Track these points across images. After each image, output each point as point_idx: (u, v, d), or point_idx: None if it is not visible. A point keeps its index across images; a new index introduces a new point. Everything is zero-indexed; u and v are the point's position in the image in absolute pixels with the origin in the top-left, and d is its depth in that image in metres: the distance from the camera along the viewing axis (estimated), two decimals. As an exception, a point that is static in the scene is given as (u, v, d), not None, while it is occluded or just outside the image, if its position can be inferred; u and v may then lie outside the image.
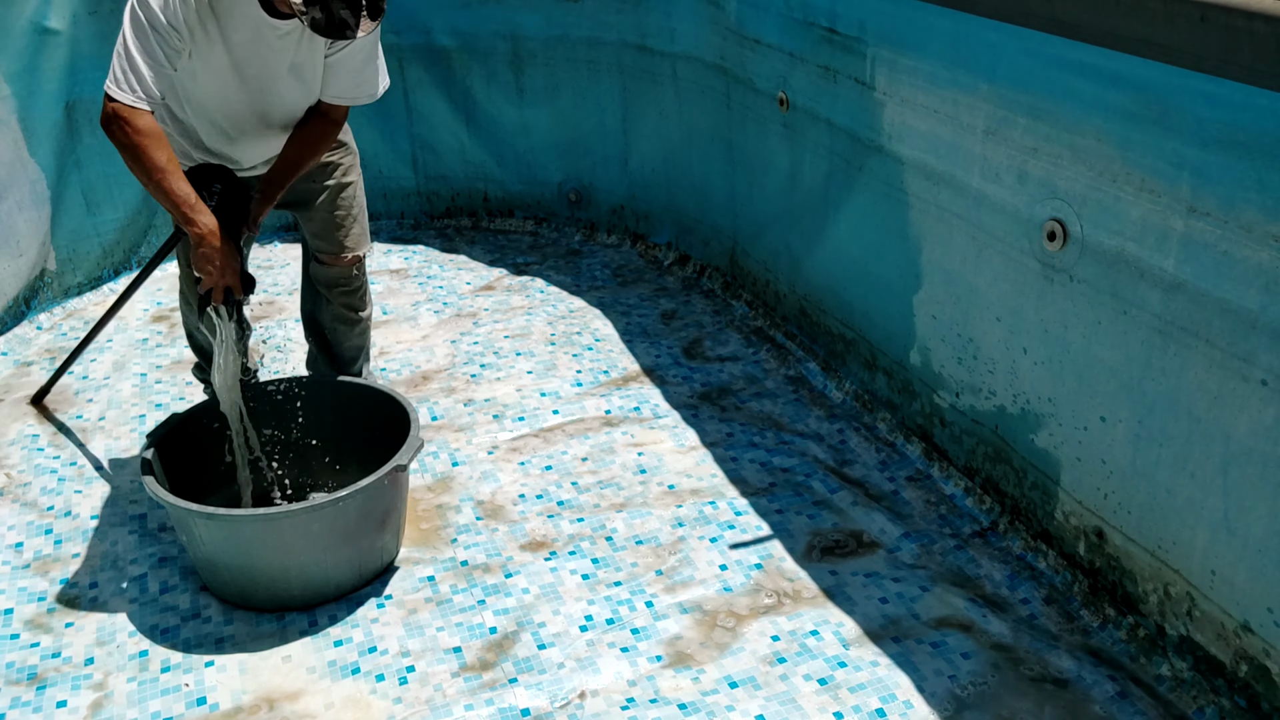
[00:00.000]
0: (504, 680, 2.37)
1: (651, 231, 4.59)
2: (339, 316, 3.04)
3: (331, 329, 3.07)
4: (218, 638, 2.50)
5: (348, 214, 2.92)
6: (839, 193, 3.31)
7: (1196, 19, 1.98)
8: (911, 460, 3.13)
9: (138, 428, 3.33)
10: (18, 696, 2.34)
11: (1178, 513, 2.27)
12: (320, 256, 2.94)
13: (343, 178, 2.89)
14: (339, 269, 2.96)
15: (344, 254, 2.94)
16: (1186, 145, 2.09)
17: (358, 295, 3.04)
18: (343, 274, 2.97)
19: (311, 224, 2.89)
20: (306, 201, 2.87)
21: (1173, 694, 2.30)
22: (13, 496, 3.02)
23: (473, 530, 2.85)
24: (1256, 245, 1.98)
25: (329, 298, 3.00)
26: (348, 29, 2.29)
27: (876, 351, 3.29)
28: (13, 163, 3.75)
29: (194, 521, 2.47)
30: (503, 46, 4.52)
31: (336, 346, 3.10)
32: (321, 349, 3.13)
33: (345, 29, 2.29)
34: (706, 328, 3.94)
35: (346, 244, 2.93)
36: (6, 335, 3.85)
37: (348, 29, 2.29)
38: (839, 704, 2.29)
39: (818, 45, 3.25)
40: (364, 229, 2.98)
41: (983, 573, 2.69)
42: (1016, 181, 2.55)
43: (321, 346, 3.12)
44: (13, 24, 3.70)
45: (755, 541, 2.80)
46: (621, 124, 4.48)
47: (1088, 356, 2.44)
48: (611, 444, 3.22)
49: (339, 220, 2.91)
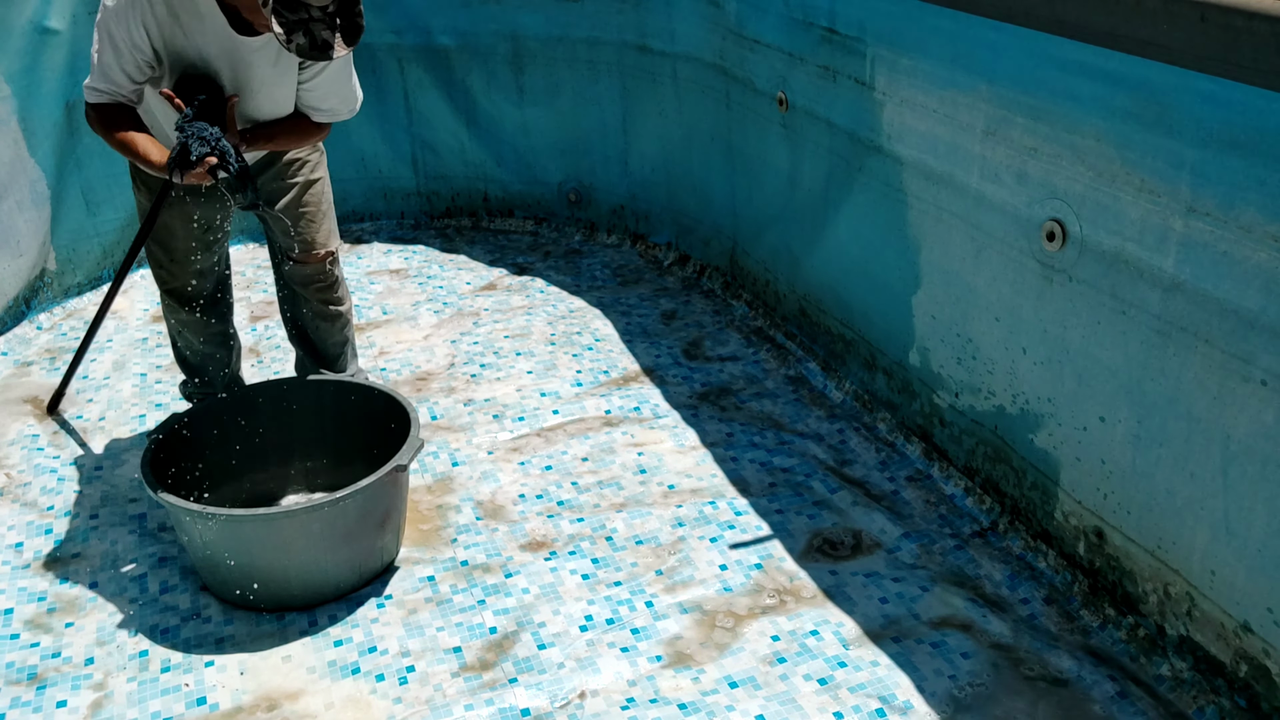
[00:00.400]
0: (504, 680, 2.37)
1: (651, 231, 4.59)
2: (319, 314, 3.05)
3: (313, 327, 3.08)
4: (218, 638, 2.50)
5: (317, 210, 2.94)
6: (838, 193, 3.31)
7: (1196, 19, 1.98)
8: (911, 460, 3.13)
9: (138, 428, 3.34)
10: (18, 696, 2.34)
11: (1177, 513, 2.27)
12: (292, 255, 2.95)
13: (310, 174, 2.91)
14: (312, 266, 2.96)
15: (315, 250, 2.95)
16: (1186, 145, 2.09)
17: (334, 291, 3.05)
18: (316, 271, 2.98)
19: (281, 222, 2.90)
20: (276, 198, 2.87)
21: (1173, 694, 2.30)
22: (13, 496, 3.02)
23: (473, 530, 2.86)
24: (1256, 245, 1.98)
25: (306, 296, 3.01)
26: (330, 49, 2.37)
27: (876, 351, 3.30)
28: (13, 163, 3.75)
29: (194, 521, 2.47)
30: (503, 46, 4.52)
31: (320, 344, 3.11)
32: (306, 350, 3.14)
33: (329, 49, 2.37)
34: (706, 328, 3.94)
35: (317, 240, 2.95)
36: (6, 335, 3.85)
37: (330, 49, 2.37)
38: (839, 704, 2.29)
39: (817, 45, 3.25)
40: (333, 225, 3.02)
41: (983, 573, 2.69)
42: (1016, 181, 2.55)
43: (306, 347, 3.13)
44: (13, 24, 3.70)
45: (755, 541, 2.80)
46: (621, 124, 4.48)
47: (1087, 356, 2.44)
48: (611, 444, 3.22)
49: (309, 216, 2.92)
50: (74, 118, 3.98)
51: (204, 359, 3.10)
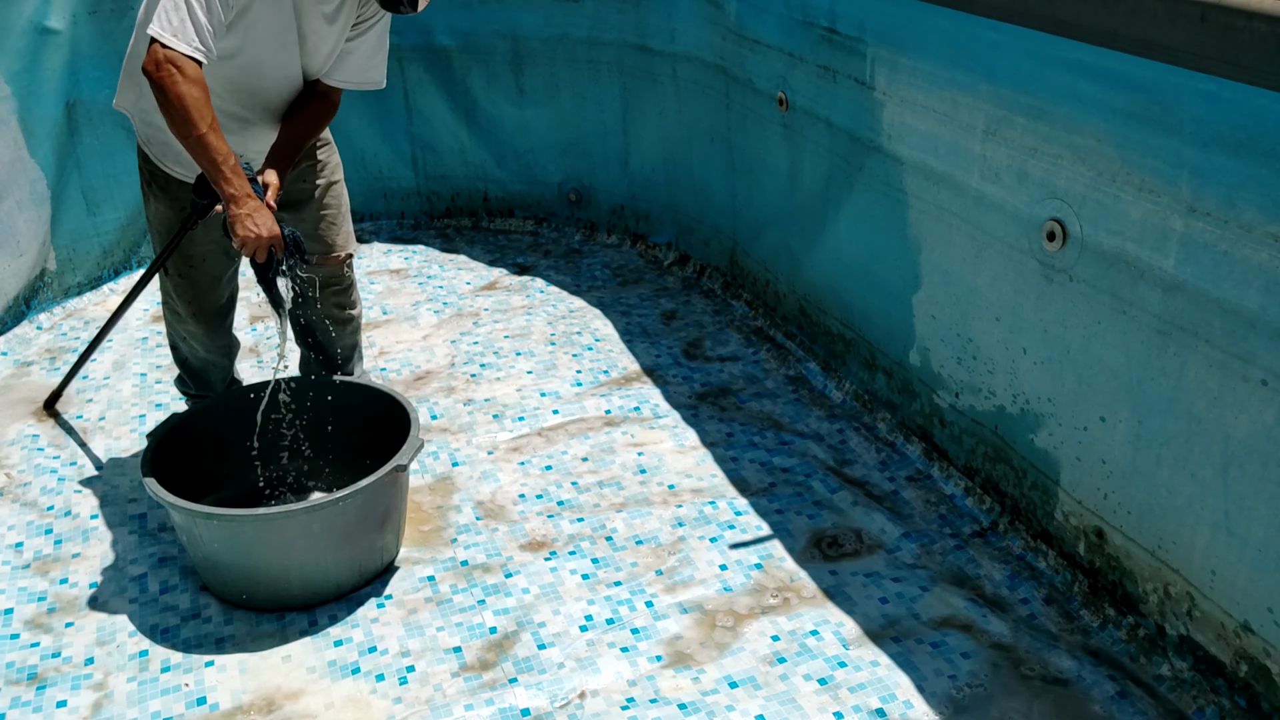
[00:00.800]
0: (504, 680, 2.37)
1: (651, 231, 4.59)
2: (331, 317, 3.04)
3: (324, 330, 3.07)
4: (218, 638, 2.50)
5: (337, 212, 2.94)
6: (838, 193, 3.31)
7: (1196, 19, 1.98)
8: (911, 460, 3.13)
9: (138, 428, 3.33)
10: (18, 696, 2.34)
11: (1177, 513, 2.27)
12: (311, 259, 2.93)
13: (331, 176, 2.92)
14: (330, 268, 2.96)
15: (335, 252, 2.95)
16: (1186, 145, 2.09)
17: (348, 294, 3.06)
18: (333, 273, 2.98)
19: (303, 225, 2.89)
20: (300, 203, 2.87)
21: (1173, 694, 2.30)
22: (13, 496, 3.02)
23: (473, 530, 2.86)
24: (1256, 245, 1.98)
25: (320, 299, 3.00)
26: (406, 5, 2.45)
27: (876, 351, 3.30)
28: (13, 163, 3.75)
29: (194, 521, 2.47)
30: (503, 46, 4.52)
31: (330, 347, 3.10)
32: (316, 352, 3.13)
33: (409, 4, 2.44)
34: (706, 328, 3.94)
35: (338, 242, 2.95)
36: (6, 335, 3.85)
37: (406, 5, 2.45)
38: (839, 704, 2.29)
39: (817, 45, 3.25)
40: (350, 228, 3.02)
41: (983, 573, 2.69)
42: (1016, 181, 2.55)
43: (315, 349, 3.12)
44: (13, 24, 3.70)
45: (755, 541, 2.80)
46: (621, 124, 4.48)
47: (1087, 356, 2.44)
48: (611, 444, 3.22)
49: (330, 219, 2.92)
50: (74, 118, 3.98)
51: (207, 365, 3.09)
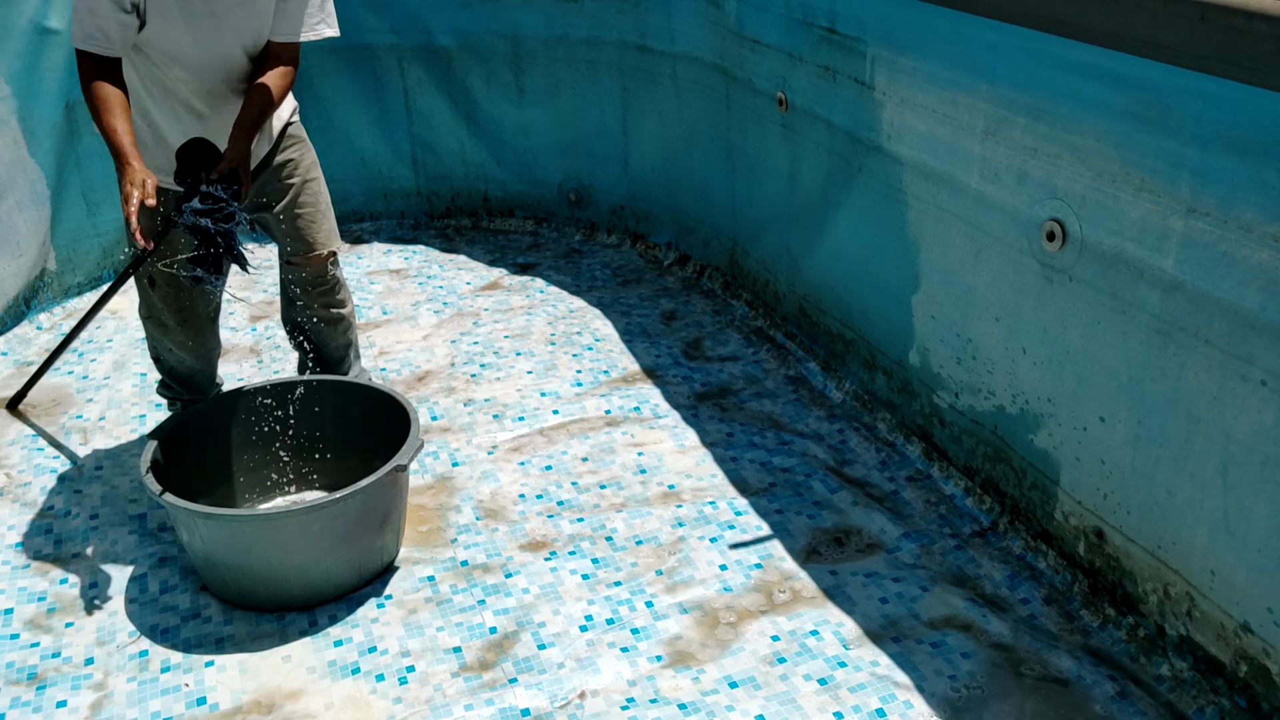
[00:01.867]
0: (504, 680, 2.37)
1: (651, 231, 4.59)
2: (321, 317, 3.04)
3: (315, 331, 3.06)
4: (218, 638, 2.50)
5: (315, 210, 2.91)
6: (838, 193, 3.31)
7: (1196, 19, 1.98)
8: (911, 460, 3.13)
9: (138, 428, 3.34)
10: (18, 696, 2.34)
11: (1177, 513, 2.27)
12: (293, 259, 2.93)
13: (306, 174, 2.89)
14: (313, 268, 2.95)
15: (316, 250, 2.93)
16: (1186, 145, 2.09)
17: (335, 294, 3.03)
18: (318, 273, 2.96)
19: (281, 224, 2.88)
20: (273, 201, 2.85)
21: (1173, 694, 2.30)
22: (13, 496, 3.02)
23: (473, 530, 2.86)
24: (1256, 245, 1.98)
25: (308, 300, 2.99)
26: None
27: (876, 351, 3.30)
28: (13, 163, 3.75)
29: (194, 521, 2.47)
30: (503, 46, 4.52)
31: (324, 348, 3.10)
32: (309, 353, 3.12)
33: None
34: (706, 328, 3.94)
35: (319, 240, 2.93)
36: (6, 335, 3.85)
37: None
38: (839, 704, 2.29)
39: (817, 45, 3.25)
40: (333, 225, 2.98)
41: (983, 573, 2.69)
42: (1016, 182, 2.55)
43: (309, 351, 3.12)
44: (13, 24, 3.70)
45: (755, 541, 2.80)
46: (621, 124, 4.48)
47: (1087, 356, 2.44)
48: (611, 444, 3.22)
49: (308, 217, 2.90)
50: (74, 118, 3.98)
51: (193, 372, 3.06)
